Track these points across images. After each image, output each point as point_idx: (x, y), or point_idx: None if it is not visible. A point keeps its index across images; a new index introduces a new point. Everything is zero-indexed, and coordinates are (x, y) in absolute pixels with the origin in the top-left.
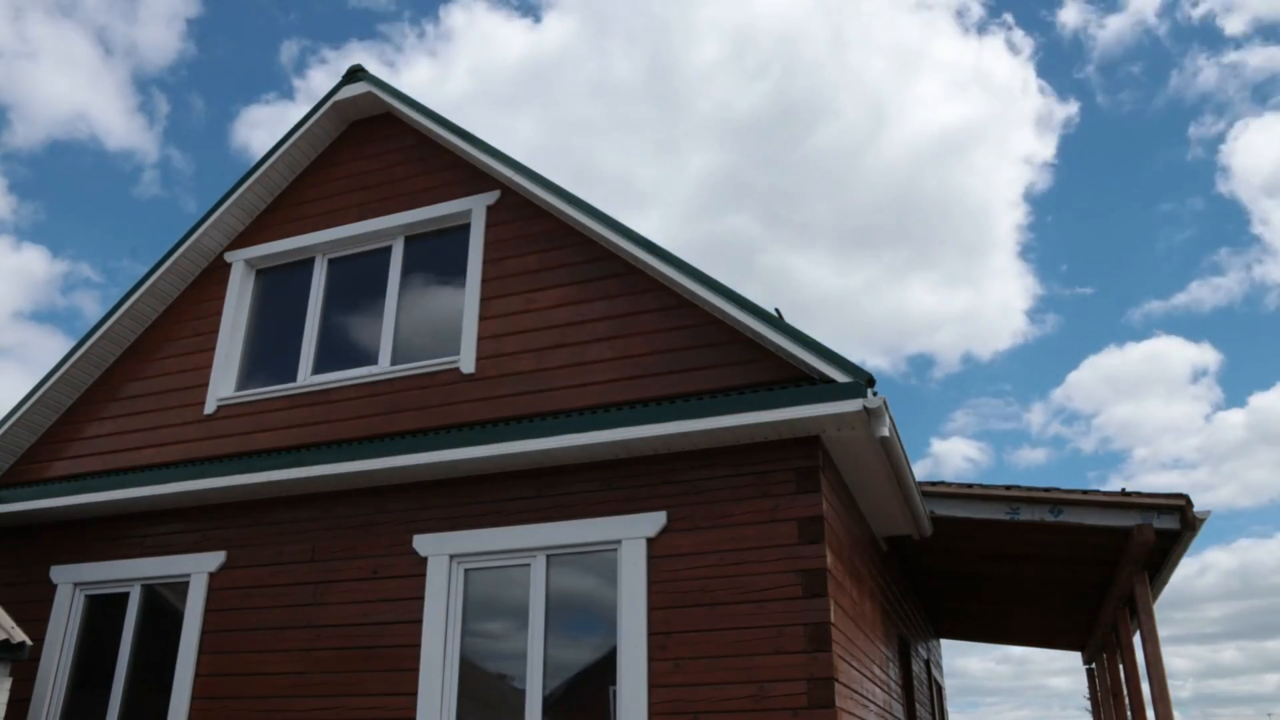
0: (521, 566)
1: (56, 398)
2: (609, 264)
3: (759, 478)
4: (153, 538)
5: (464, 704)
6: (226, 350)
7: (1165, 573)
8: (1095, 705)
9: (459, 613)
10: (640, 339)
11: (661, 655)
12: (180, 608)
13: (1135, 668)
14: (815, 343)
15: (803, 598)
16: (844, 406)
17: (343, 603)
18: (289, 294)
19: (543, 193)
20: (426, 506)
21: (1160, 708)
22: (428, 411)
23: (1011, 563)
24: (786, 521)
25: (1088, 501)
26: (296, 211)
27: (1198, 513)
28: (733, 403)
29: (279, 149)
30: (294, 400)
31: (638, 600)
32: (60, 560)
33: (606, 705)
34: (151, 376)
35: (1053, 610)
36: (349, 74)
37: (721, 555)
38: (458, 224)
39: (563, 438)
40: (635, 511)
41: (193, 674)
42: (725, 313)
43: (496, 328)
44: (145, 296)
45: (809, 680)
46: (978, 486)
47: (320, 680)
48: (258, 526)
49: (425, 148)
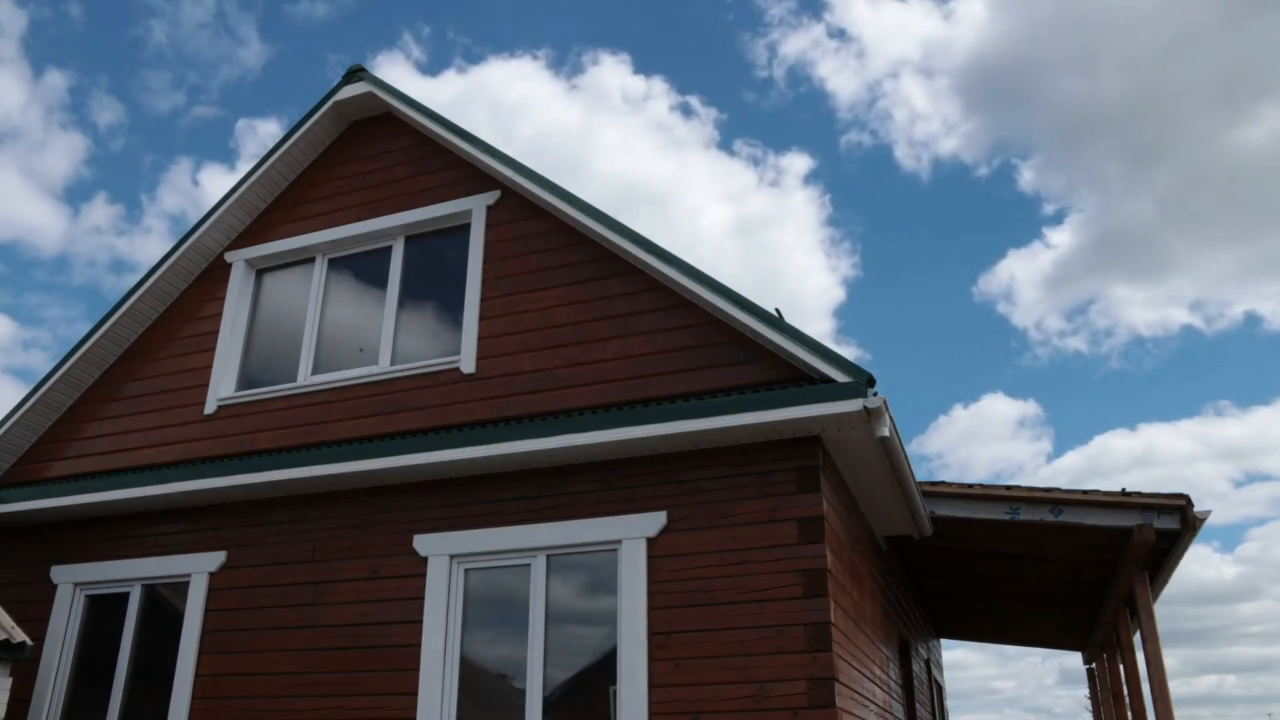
0: (522, 566)
1: (56, 398)
2: (609, 264)
3: (759, 478)
4: (153, 538)
5: (464, 704)
6: (226, 350)
7: (1165, 573)
8: (1095, 705)
9: (459, 613)
10: (640, 339)
11: (662, 655)
12: (180, 608)
13: (1135, 668)
14: (815, 343)
15: (803, 598)
16: (844, 406)
17: (343, 603)
18: (289, 294)
19: (543, 193)
20: (426, 506)
21: (1160, 708)
22: (428, 411)
23: (1011, 563)
24: (787, 521)
25: (1088, 501)
26: (297, 211)
27: (1198, 513)
28: (733, 403)
29: (279, 149)
30: (294, 400)
31: (638, 600)
32: (60, 560)
33: (606, 705)
34: (151, 376)
35: (1053, 610)
36: (349, 74)
37: (722, 555)
38: (458, 224)
39: (563, 438)
40: (635, 511)
41: (193, 674)
42: (725, 313)
43: (496, 328)
44: (145, 296)
45: (809, 680)
46: (978, 487)
47: (320, 680)
48: (258, 526)
49: (425, 148)
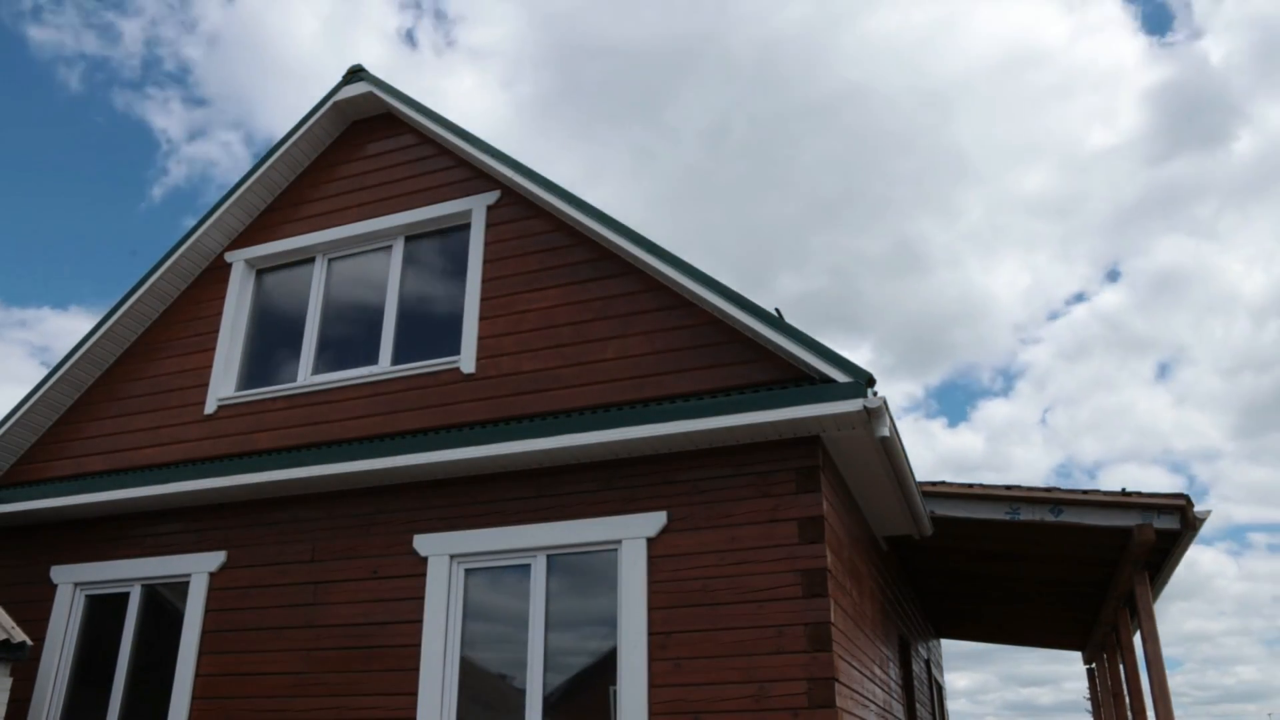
0: (522, 566)
1: (57, 398)
2: (609, 264)
3: (759, 478)
4: (153, 538)
5: (464, 704)
6: (227, 350)
7: (1165, 573)
8: (1095, 705)
9: (459, 612)
10: (640, 339)
11: (662, 655)
12: (180, 608)
13: (1135, 668)
14: (815, 343)
15: (803, 598)
16: (844, 406)
17: (343, 603)
18: (289, 294)
19: (543, 193)
20: (426, 506)
21: (1160, 708)
22: (428, 411)
23: (1011, 563)
24: (787, 521)
25: (1088, 501)
26: (297, 211)
27: (1198, 513)
28: (733, 403)
29: (279, 149)
30: (294, 400)
31: (638, 600)
32: (60, 560)
33: (607, 705)
34: (151, 376)
35: (1053, 610)
36: (349, 74)
37: (721, 555)
38: (458, 224)
39: (563, 438)
40: (635, 511)
41: (193, 674)
42: (725, 312)
43: (497, 328)
44: (145, 296)
45: (809, 680)
46: (978, 486)
47: (320, 680)
48: (258, 526)
49: (425, 148)
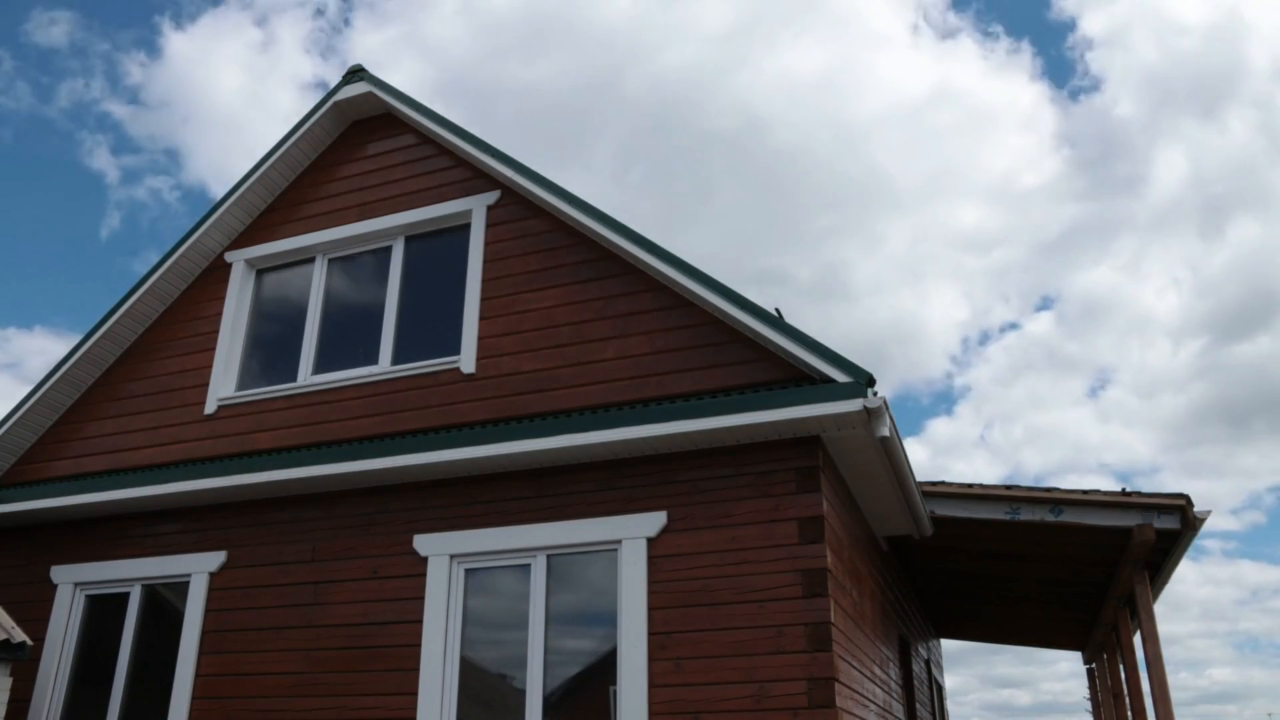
0: (522, 566)
1: (57, 398)
2: (609, 264)
3: (759, 478)
4: (153, 538)
5: (464, 704)
6: (226, 350)
7: (1165, 573)
8: (1095, 705)
9: (459, 612)
10: (640, 339)
11: (662, 655)
12: (180, 608)
13: (1135, 668)
14: (816, 342)
15: (803, 597)
16: (844, 406)
17: (343, 603)
18: (289, 294)
19: (543, 193)
20: (426, 506)
21: (1161, 708)
22: (428, 412)
23: (1011, 563)
24: (786, 521)
25: (1088, 501)
26: (297, 211)
27: (1198, 513)
28: (733, 403)
29: (279, 149)
30: (294, 400)
31: (638, 600)
32: (60, 560)
33: (607, 705)
34: (151, 376)
35: (1053, 610)
36: (349, 74)
37: (721, 555)
38: (458, 224)
39: (563, 438)
40: (635, 511)
41: (193, 674)
42: (725, 312)
43: (496, 328)
44: (145, 296)
45: (809, 680)
46: (978, 486)
47: (321, 680)
48: (258, 526)
49: (425, 148)
